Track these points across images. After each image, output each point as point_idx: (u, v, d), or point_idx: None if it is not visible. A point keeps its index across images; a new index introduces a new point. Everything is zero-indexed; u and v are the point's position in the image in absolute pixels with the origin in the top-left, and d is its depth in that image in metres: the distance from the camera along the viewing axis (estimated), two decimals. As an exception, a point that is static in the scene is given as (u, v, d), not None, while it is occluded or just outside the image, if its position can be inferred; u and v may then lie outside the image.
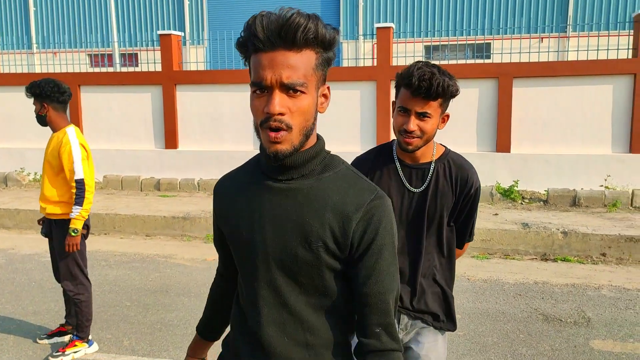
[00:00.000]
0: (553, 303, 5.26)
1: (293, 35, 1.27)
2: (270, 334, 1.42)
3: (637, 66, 9.17)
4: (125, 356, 4.21)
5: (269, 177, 1.43)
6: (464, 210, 2.29)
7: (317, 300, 1.42)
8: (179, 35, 11.43)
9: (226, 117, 10.80)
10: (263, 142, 1.36)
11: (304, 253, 1.37)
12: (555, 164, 9.46)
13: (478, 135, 9.82)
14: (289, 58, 1.29)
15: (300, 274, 1.39)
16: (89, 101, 11.45)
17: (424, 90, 2.05)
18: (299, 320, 1.42)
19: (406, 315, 2.27)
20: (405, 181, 2.24)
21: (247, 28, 1.30)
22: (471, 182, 2.25)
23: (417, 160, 2.26)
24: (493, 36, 11.07)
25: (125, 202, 9.28)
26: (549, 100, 9.56)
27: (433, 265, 2.29)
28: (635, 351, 4.23)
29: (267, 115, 1.30)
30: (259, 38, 1.28)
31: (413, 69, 2.08)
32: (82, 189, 4.01)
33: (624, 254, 6.75)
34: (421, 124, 2.12)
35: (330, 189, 1.39)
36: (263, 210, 1.42)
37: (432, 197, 2.23)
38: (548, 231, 7.07)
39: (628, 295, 5.48)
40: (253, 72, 1.33)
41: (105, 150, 11.34)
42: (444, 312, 2.34)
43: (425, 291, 2.28)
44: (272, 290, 1.42)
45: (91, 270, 6.29)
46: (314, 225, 1.36)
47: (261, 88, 1.31)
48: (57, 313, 4.99)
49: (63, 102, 4.24)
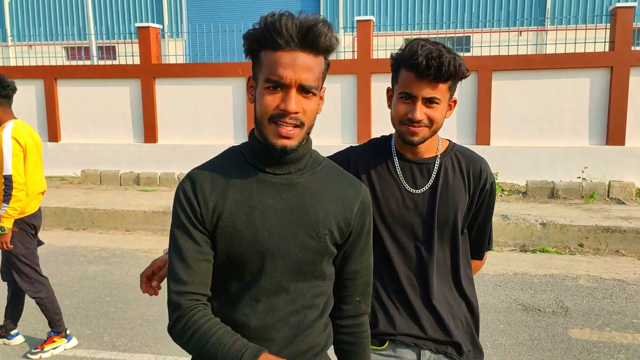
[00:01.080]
0: (532, 293, 5.33)
1: (317, 41, 1.36)
2: (271, 322, 1.47)
3: (613, 59, 9.30)
4: (105, 352, 4.17)
5: (265, 172, 1.47)
6: (481, 210, 1.94)
7: (314, 285, 1.51)
8: (157, 27, 11.30)
9: (206, 110, 10.73)
10: (268, 136, 1.41)
11: (312, 243, 1.46)
12: (534, 156, 9.57)
13: (458, 127, 9.89)
14: (308, 61, 1.38)
15: (304, 263, 1.47)
16: (66, 95, 11.28)
17: (434, 70, 1.70)
18: (296, 305, 1.49)
19: (427, 350, 1.86)
20: (404, 180, 1.87)
21: (270, 24, 1.36)
22: (485, 175, 1.91)
23: (420, 154, 1.90)
24: (472, 29, 11.12)
25: (104, 197, 9.17)
26: (528, 93, 9.67)
27: (448, 281, 1.91)
28: (612, 339, 4.31)
29: (282, 112, 1.37)
30: (283, 36, 1.34)
31: (416, 47, 1.73)
32: (9, 187, 3.81)
33: (600, 245, 6.86)
34: (429, 112, 1.78)
35: (325, 181, 1.52)
36: (265, 205, 1.45)
37: (442, 197, 1.86)
38: (527, 223, 7.15)
39: (605, 285, 5.57)
40: (268, 68, 1.38)
41: (83, 144, 11.20)
42: (470, 339, 1.92)
43: (441, 316, 1.86)
44: (275, 281, 1.46)
45: (70, 265, 6.23)
46: (320, 216, 1.47)
47: (279, 85, 1.37)
48: (35, 309, 4.91)
49: (6, 97, 4.11)
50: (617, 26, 9.31)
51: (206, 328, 1.37)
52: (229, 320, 1.45)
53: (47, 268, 6.12)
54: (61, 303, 5.07)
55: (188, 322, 1.39)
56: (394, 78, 1.84)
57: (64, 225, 8.23)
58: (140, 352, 4.16)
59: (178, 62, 12.27)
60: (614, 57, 9.30)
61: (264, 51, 1.39)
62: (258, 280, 1.45)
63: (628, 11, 9.32)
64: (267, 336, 1.46)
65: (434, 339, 1.85)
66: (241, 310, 1.46)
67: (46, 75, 11.23)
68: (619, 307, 4.98)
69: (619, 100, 9.29)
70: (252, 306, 1.46)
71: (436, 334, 1.85)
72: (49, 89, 11.22)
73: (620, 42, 9.30)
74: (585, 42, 9.75)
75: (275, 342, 1.47)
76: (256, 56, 1.42)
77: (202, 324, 1.37)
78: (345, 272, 1.57)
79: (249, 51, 1.43)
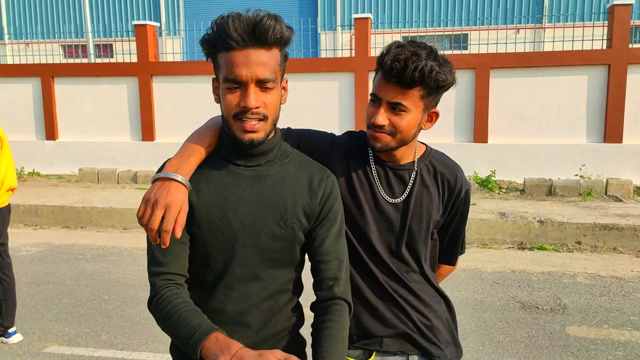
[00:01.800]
0: (530, 291, 5.34)
1: (265, 35, 1.41)
2: (245, 308, 1.54)
3: (611, 57, 9.31)
4: (103, 350, 4.17)
5: (237, 165, 1.55)
6: (454, 218, 1.89)
7: (285, 272, 1.59)
8: (154, 25, 11.28)
9: (203, 108, 10.68)
10: (235, 132, 1.48)
11: (281, 231, 1.54)
12: (532, 153, 9.58)
13: (456, 125, 9.90)
14: (261, 56, 1.43)
15: (275, 251, 1.54)
16: (63, 93, 11.26)
17: (396, 73, 1.60)
18: (268, 291, 1.56)
19: (415, 355, 1.83)
20: (380, 187, 1.77)
21: (219, 27, 1.42)
22: (460, 183, 1.84)
23: (396, 160, 1.79)
24: (470, 27, 11.11)
25: (101, 195, 9.16)
26: (525, 90, 9.67)
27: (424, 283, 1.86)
28: (609, 337, 4.32)
29: (244, 108, 1.44)
30: (233, 37, 1.40)
31: (391, 46, 1.66)
32: None
33: (598, 242, 6.88)
34: (394, 119, 1.66)
35: (293, 171, 1.59)
36: (236, 197, 1.53)
37: (417, 207, 1.78)
38: (525, 220, 7.16)
39: (602, 282, 5.58)
40: (225, 68, 1.44)
41: (81, 142, 11.18)
42: (452, 339, 1.90)
43: (427, 318, 1.83)
44: (248, 269, 1.53)
45: (68, 264, 6.22)
46: (288, 205, 1.55)
47: (236, 84, 1.43)
48: (33, 308, 4.92)
49: None
50: (615, 24, 9.32)
51: (172, 306, 1.43)
52: (206, 308, 1.50)
53: (45, 266, 6.12)
54: (59, 301, 5.08)
55: (159, 300, 1.46)
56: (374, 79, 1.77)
57: (62, 224, 8.22)
58: (138, 350, 4.16)
59: (175, 60, 12.25)
60: (612, 54, 9.31)
61: (219, 53, 1.45)
62: (232, 269, 1.53)
63: (625, 9, 9.33)
64: (242, 321, 1.54)
65: (419, 343, 1.82)
66: (217, 297, 1.54)
67: (43, 74, 11.21)
68: (616, 304, 4.99)
69: (616, 98, 9.30)
70: (227, 294, 1.54)
71: (422, 337, 1.82)
72: (46, 87, 11.20)
73: (617, 39, 9.31)
74: (583, 39, 9.76)
75: (250, 327, 1.55)
76: (214, 59, 1.48)
77: (170, 302, 1.44)
78: (316, 256, 1.61)
79: (208, 55, 1.49)
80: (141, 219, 1.40)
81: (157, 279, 1.48)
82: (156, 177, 1.46)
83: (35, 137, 11.48)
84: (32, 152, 11.32)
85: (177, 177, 1.44)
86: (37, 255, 6.62)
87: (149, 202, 1.40)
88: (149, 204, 1.40)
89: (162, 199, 1.39)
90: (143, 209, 1.40)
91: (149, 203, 1.40)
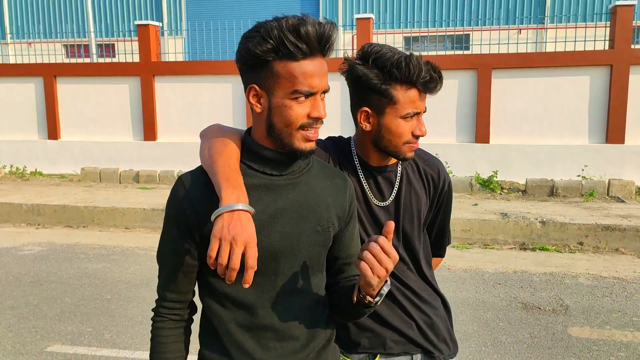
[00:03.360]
0: (532, 291, 5.34)
1: (330, 45, 1.36)
2: (291, 321, 1.49)
3: (613, 57, 9.30)
4: (106, 349, 4.17)
5: (271, 175, 1.46)
6: (440, 211, 1.92)
7: (320, 278, 1.56)
8: (156, 25, 11.29)
9: (205, 108, 10.72)
10: (295, 142, 1.40)
11: (319, 237, 1.50)
12: (534, 154, 9.57)
13: (457, 126, 9.89)
14: (325, 65, 1.39)
15: (313, 258, 1.51)
16: (65, 93, 11.27)
17: (436, 80, 1.66)
18: (309, 300, 1.52)
19: (419, 354, 1.84)
20: (369, 192, 1.78)
21: (292, 31, 1.30)
22: (443, 177, 1.87)
23: (384, 162, 1.79)
24: (472, 27, 11.11)
25: (103, 195, 9.17)
26: (527, 91, 9.66)
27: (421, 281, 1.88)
28: (612, 337, 4.32)
29: (315, 119, 1.39)
30: (308, 46, 1.32)
31: (401, 59, 1.62)
32: None
33: (600, 243, 6.87)
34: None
35: (319, 176, 1.56)
36: (273, 208, 1.45)
37: (406, 208, 1.80)
38: (527, 221, 7.16)
39: (605, 283, 5.57)
40: (293, 79, 1.34)
41: (83, 142, 11.20)
42: (449, 336, 1.92)
43: (428, 317, 1.85)
44: (290, 280, 1.48)
45: (70, 263, 6.23)
46: (322, 211, 1.51)
47: (310, 94, 1.36)
48: (36, 307, 4.92)
49: None
50: (617, 24, 9.31)
51: (158, 339, 1.50)
52: (252, 326, 1.46)
53: (47, 265, 6.13)
54: (61, 300, 5.09)
55: (154, 328, 1.52)
56: (380, 97, 1.72)
57: (64, 223, 8.23)
58: (141, 350, 4.16)
59: (177, 59, 12.26)
60: (614, 55, 9.30)
61: (280, 61, 1.34)
62: (275, 282, 1.47)
63: (628, 9, 9.32)
64: (291, 335, 1.49)
65: (421, 343, 1.83)
66: (263, 314, 1.46)
67: (45, 73, 11.22)
68: (618, 305, 4.99)
69: (618, 99, 9.29)
70: (274, 307, 1.47)
71: (423, 336, 1.83)
72: (49, 86, 11.21)
73: (620, 40, 9.30)
74: (585, 40, 9.75)
75: (298, 340, 1.50)
76: (265, 66, 1.35)
77: (158, 334, 1.51)
78: (341, 258, 1.61)
79: (255, 59, 1.35)
80: (217, 258, 1.30)
81: (158, 306, 1.52)
82: (222, 210, 1.32)
83: (38, 137, 11.50)
84: (35, 152, 11.34)
85: (245, 208, 1.34)
86: (39, 254, 6.63)
87: (224, 241, 1.29)
88: (225, 242, 1.29)
89: (239, 236, 1.29)
90: (219, 249, 1.30)
91: (224, 241, 1.29)
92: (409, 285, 1.83)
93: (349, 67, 1.71)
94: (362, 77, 1.67)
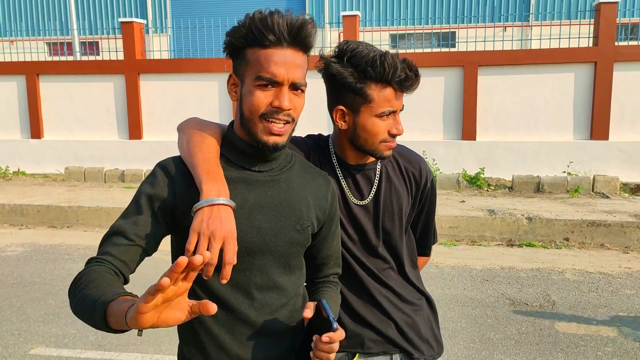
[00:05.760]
0: (519, 288, 5.36)
1: (308, 39, 1.39)
2: (266, 316, 1.49)
3: (597, 54, 9.37)
4: (91, 351, 4.12)
5: (250, 170, 1.48)
6: (424, 210, 1.88)
7: (298, 276, 1.56)
8: (141, 23, 11.19)
9: (192, 106, 10.64)
10: (258, 133, 1.41)
11: (297, 235, 1.50)
12: (520, 151, 9.62)
13: (444, 123, 9.91)
14: (297, 59, 1.39)
15: (290, 256, 1.51)
16: (49, 91, 11.13)
17: (412, 78, 1.64)
18: (286, 297, 1.52)
19: (398, 354, 1.82)
20: (348, 191, 1.75)
21: (260, 21, 1.35)
22: (425, 174, 1.83)
23: (362, 160, 1.76)
24: (458, 25, 11.16)
25: (88, 194, 9.07)
26: (513, 88, 9.71)
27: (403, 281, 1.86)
28: (598, 332, 4.34)
29: (276, 109, 1.38)
30: (275, 34, 1.34)
31: (376, 57, 1.59)
32: None
33: (586, 238, 6.92)
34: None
35: (300, 174, 1.56)
36: (251, 204, 1.45)
37: (387, 205, 1.77)
38: (513, 217, 7.19)
39: (591, 279, 5.61)
40: (258, 65, 1.37)
41: (67, 141, 11.07)
42: (432, 336, 1.89)
43: (408, 317, 1.83)
44: (267, 276, 1.48)
45: (54, 264, 6.15)
46: (303, 210, 1.51)
47: (270, 83, 1.37)
48: (19, 309, 4.85)
49: None
50: (601, 22, 9.38)
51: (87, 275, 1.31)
52: (229, 319, 1.46)
53: (31, 266, 6.04)
54: (45, 302, 5.02)
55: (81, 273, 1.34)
56: (354, 96, 1.70)
57: (48, 223, 8.13)
58: (126, 351, 4.11)
59: (163, 57, 12.17)
60: (598, 52, 9.37)
61: (251, 49, 1.38)
62: (251, 278, 1.47)
63: (612, 7, 9.39)
64: (267, 331, 1.49)
65: (399, 343, 1.80)
66: (239, 308, 1.47)
67: (28, 71, 11.07)
68: (605, 300, 5.02)
69: (602, 95, 9.36)
70: (249, 303, 1.47)
71: (402, 336, 1.80)
72: (31, 85, 11.07)
73: (604, 37, 9.37)
74: (570, 37, 9.81)
75: (274, 336, 1.51)
76: (240, 54, 1.41)
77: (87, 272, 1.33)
78: (319, 258, 1.63)
79: (232, 48, 1.42)
80: (194, 252, 1.28)
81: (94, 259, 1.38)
82: (201, 205, 1.32)
83: (20, 136, 11.35)
84: (18, 151, 11.19)
85: (226, 202, 1.34)
86: (22, 255, 6.54)
87: (203, 235, 1.29)
88: (203, 237, 1.28)
89: (218, 231, 1.29)
90: (196, 243, 1.29)
91: (203, 236, 1.29)
92: (388, 285, 1.81)
93: (325, 64, 1.68)
94: (337, 75, 1.64)
